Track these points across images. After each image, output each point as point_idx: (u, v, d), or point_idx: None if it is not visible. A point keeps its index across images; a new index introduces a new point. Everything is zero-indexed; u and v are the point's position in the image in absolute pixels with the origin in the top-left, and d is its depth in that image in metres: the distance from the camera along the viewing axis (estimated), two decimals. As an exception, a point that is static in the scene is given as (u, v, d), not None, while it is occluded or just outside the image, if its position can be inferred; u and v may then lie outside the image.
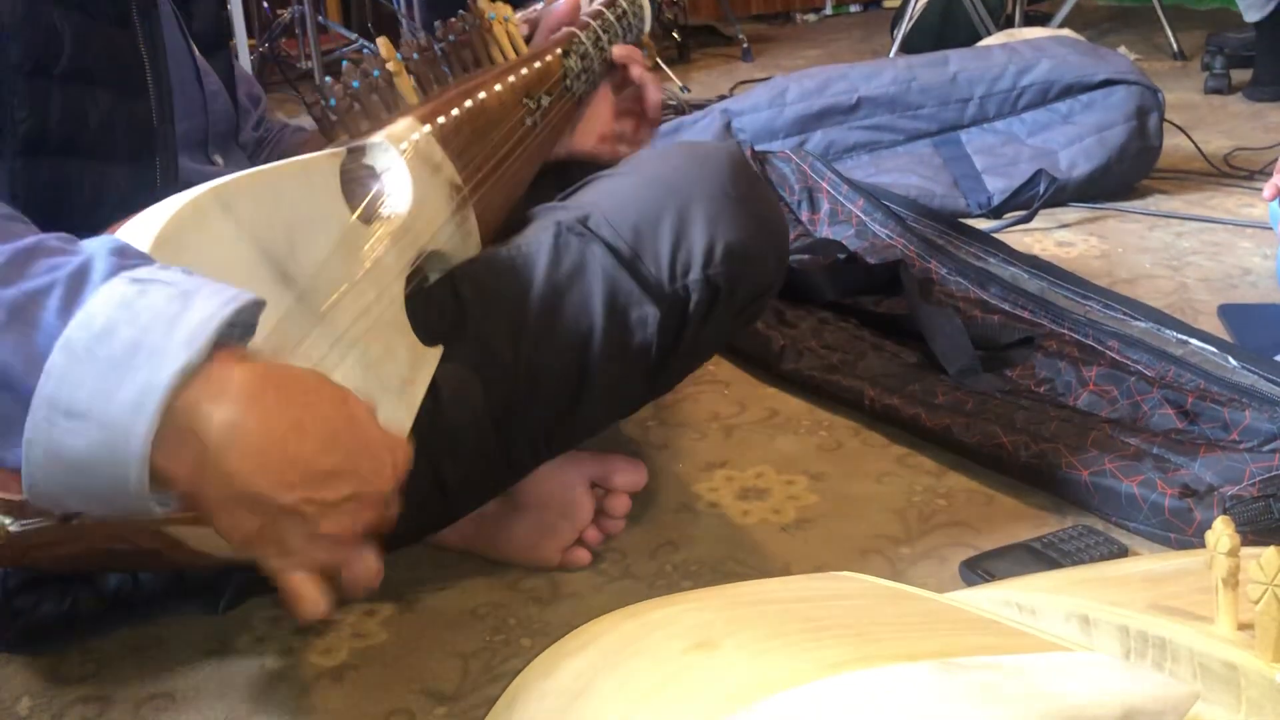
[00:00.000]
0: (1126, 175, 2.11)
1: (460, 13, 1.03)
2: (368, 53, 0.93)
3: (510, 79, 1.02)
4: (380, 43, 0.94)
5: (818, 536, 1.14)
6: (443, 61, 0.99)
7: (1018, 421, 1.22)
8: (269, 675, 0.96)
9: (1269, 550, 0.56)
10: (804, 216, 1.92)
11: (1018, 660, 0.55)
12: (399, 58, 0.93)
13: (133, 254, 0.62)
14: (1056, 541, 1.06)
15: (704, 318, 0.99)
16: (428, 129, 0.90)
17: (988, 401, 1.29)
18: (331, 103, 0.86)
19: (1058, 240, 1.93)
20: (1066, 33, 2.65)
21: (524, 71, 1.04)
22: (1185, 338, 1.38)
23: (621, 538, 1.11)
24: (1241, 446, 1.16)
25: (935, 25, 3.34)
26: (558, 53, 1.09)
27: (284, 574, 0.65)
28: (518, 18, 1.13)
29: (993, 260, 1.66)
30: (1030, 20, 3.38)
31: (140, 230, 0.65)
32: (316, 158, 0.80)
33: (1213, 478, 1.09)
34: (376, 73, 0.91)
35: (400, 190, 0.86)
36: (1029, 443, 1.19)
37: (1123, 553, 1.07)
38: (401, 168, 0.87)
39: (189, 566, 0.90)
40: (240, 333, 0.61)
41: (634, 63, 1.17)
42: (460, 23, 1.02)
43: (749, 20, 4.35)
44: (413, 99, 0.94)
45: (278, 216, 0.73)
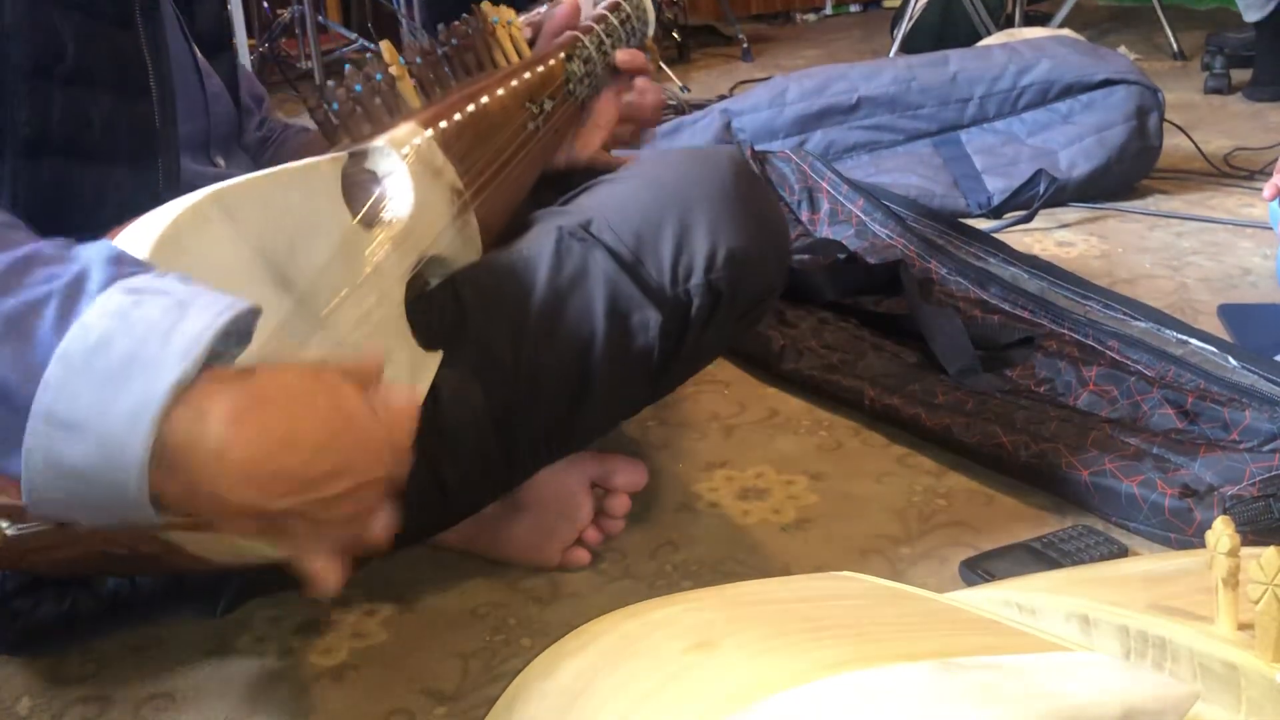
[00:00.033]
0: (1126, 175, 2.11)
1: (464, 16, 1.03)
2: (370, 56, 0.93)
3: (513, 83, 1.02)
4: (383, 46, 0.93)
5: (818, 536, 1.14)
6: (445, 65, 0.99)
7: (1018, 421, 1.22)
8: (269, 675, 0.96)
9: (1269, 550, 0.56)
10: (804, 216, 1.92)
11: (1018, 660, 0.55)
12: (401, 61, 0.93)
13: (129, 261, 0.61)
14: (1056, 541, 1.06)
15: (706, 322, 0.99)
16: (429, 133, 0.90)
17: (988, 401, 1.29)
18: (334, 106, 0.86)
19: (1058, 240, 1.93)
20: (1066, 32, 2.65)
21: (527, 76, 1.04)
22: (1185, 338, 1.38)
23: (621, 538, 1.11)
24: (1241, 446, 1.16)
25: (935, 25, 3.34)
26: (561, 57, 1.08)
27: (296, 559, 0.65)
28: (521, 20, 1.12)
29: (993, 260, 1.66)
30: (1030, 20, 3.39)
31: (140, 235, 0.65)
32: (318, 162, 0.80)
33: (1213, 478, 1.09)
34: (379, 76, 0.91)
35: (401, 195, 0.86)
36: (1029, 443, 1.19)
37: (1123, 553, 1.07)
38: (403, 172, 0.86)
39: (188, 571, 0.90)
40: (237, 340, 0.61)
41: (637, 67, 1.16)
42: (463, 26, 1.02)
43: (749, 20, 4.35)
44: (415, 103, 0.94)
45: (278, 221, 0.73)
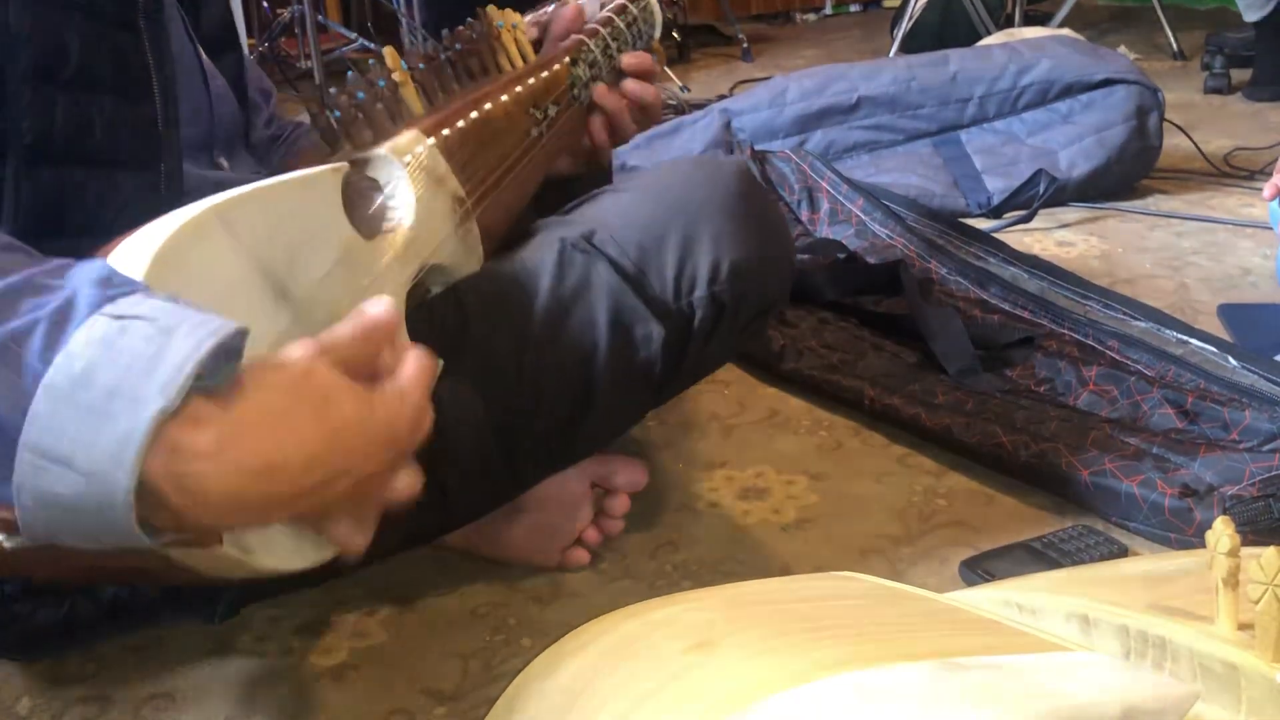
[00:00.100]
0: (1126, 175, 2.11)
1: (468, 20, 1.02)
2: (373, 62, 0.92)
3: (517, 89, 1.01)
4: (386, 52, 0.92)
5: (818, 536, 1.14)
6: (449, 70, 0.98)
7: (1018, 421, 1.22)
8: (269, 675, 0.96)
9: (1269, 550, 0.56)
10: (804, 216, 1.92)
11: (1018, 660, 0.55)
12: (404, 67, 0.93)
13: (119, 281, 0.60)
14: (1056, 541, 1.06)
15: (709, 334, 1.00)
16: (432, 141, 0.89)
17: (988, 401, 1.29)
18: (336, 114, 0.86)
19: (1058, 240, 1.93)
20: (1066, 32, 2.65)
21: (531, 81, 1.03)
22: (1185, 338, 1.38)
23: (621, 538, 1.11)
24: (1241, 446, 1.16)
25: (935, 25, 3.34)
26: (566, 61, 1.07)
27: (317, 532, 0.65)
28: (527, 20, 1.11)
29: (993, 260, 1.66)
30: (1030, 20, 3.38)
31: (138, 250, 0.64)
32: (319, 172, 0.79)
33: (1213, 478, 1.09)
34: (382, 82, 0.90)
35: (403, 204, 0.85)
36: (1029, 442, 1.19)
37: (1123, 553, 1.07)
38: (405, 181, 0.86)
39: (185, 583, 0.90)
40: (226, 358, 0.61)
41: (645, 71, 1.14)
42: (468, 31, 1.01)
43: (749, 20, 4.35)
44: (418, 109, 0.93)
45: (278, 233, 0.73)
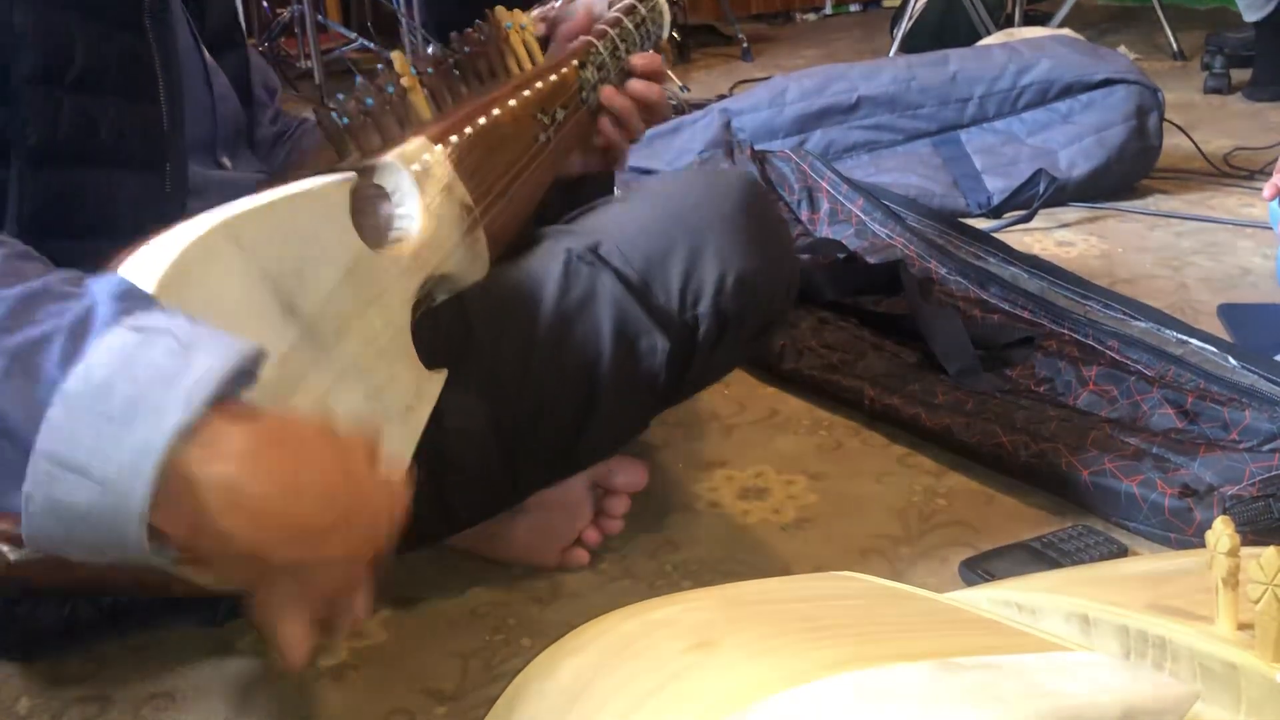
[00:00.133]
0: (1126, 175, 2.11)
1: (477, 22, 1.01)
2: (382, 67, 0.91)
3: (525, 93, 1.00)
4: (394, 56, 0.92)
5: (818, 536, 1.14)
6: (457, 74, 0.98)
7: (1018, 421, 1.22)
8: (269, 675, 0.96)
9: (1269, 550, 0.56)
10: (804, 216, 1.92)
11: (1018, 660, 0.55)
12: (413, 71, 0.92)
13: (138, 297, 0.61)
14: (1056, 541, 1.06)
15: (713, 347, 1.00)
16: (440, 149, 0.89)
17: (988, 401, 1.29)
18: (345, 121, 0.85)
19: (1058, 240, 1.93)
20: (1066, 32, 2.65)
21: (539, 85, 1.02)
22: (1185, 338, 1.38)
23: (621, 538, 1.11)
24: (1241, 446, 1.16)
25: (935, 25, 3.34)
26: (574, 64, 1.06)
27: (275, 623, 0.65)
28: (534, 15, 1.10)
29: (993, 260, 1.66)
30: (1030, 20, 3.38)
31: (148, 266, 0.64)
32: (328, 184, 0.78)
33: (1213, 477, 1.09)
34: (390, 88, 0.89)
35: (411, 214, 0.85)
36: (1029, 442, 1.19)
37: (1123, 553, 1.07)
38: (412, 190, 0.85)
39: (186, 594, 0.90)
40: (242, 381, 0.61)
41: (654, 72, 1.12)
42: (476, 33, 1.00)
43: (749, 20, 4.34)
44: (426, 114, 0.92)
45: (287, 248, 0.72)
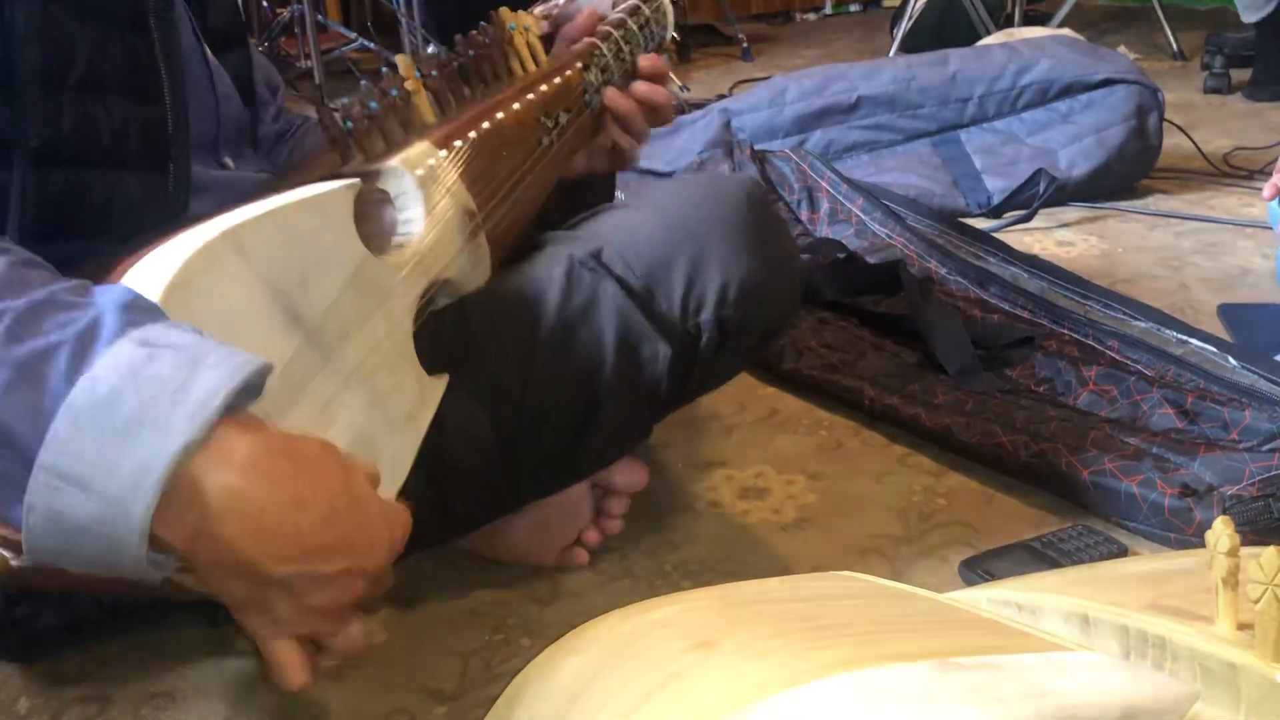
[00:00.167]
0: (1126, 175, 2.11)
1: (481, 24, 1.01)
2: (386, 70, 0.91)
3: (529, 96, 1.00)
4: (399, 59, 0.91)
5: (818, 536, 1.14)
6: (461, 76, 0.97)
7: (1018, 421, 1.22)
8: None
9: (1269, 550, 0.56)
10: (804, 216, 1.92)
11: (1017, 660, 0.55)
12: (417, 75, 0.92)
13: (144, 307, 0.61)
14: (1056, 541, 1.06)
15: (715, 355, 1.00)
16: (443, 154, 0.88)
17: (988, 401, 1.29)
18: (349, 124, 0.85)
19: (1058, 240, 1.93)
20: (1066, 32, 2.65)
21: (543, 88, 1.01)
22: (1185, 338, 1.38)
23: (621, 538, 1.11)
24: (1241, 446, 1.16)
25: (935, 25, 3.34)
26: (578, 66, 1.05)
27: (269, 641, 0.65)
28: (537, 12, 1.09)
29: (993, 260, 1.66)
30: (1030, 20, 3.38)
31: (152, 275, 0.64)
32: (331, 192, 0.78)
33: (1212, 477, 1.09)
34: (394, 92, 0.89)
35: (414, 219, 0.85)
36: (1029, 442, 1.19)
37: (1123, 553, 1.07)
38: (416, 195, 0.85)
39: (185, 599, 0.90)
40: (248, 394, 0.61)
41: (658, 74, 1.12)
42: (480, 36, 0.99)
43: (749, 20, 4.34)
44: (430, 117, 0.92)
45: (290, 256, 0.72)
